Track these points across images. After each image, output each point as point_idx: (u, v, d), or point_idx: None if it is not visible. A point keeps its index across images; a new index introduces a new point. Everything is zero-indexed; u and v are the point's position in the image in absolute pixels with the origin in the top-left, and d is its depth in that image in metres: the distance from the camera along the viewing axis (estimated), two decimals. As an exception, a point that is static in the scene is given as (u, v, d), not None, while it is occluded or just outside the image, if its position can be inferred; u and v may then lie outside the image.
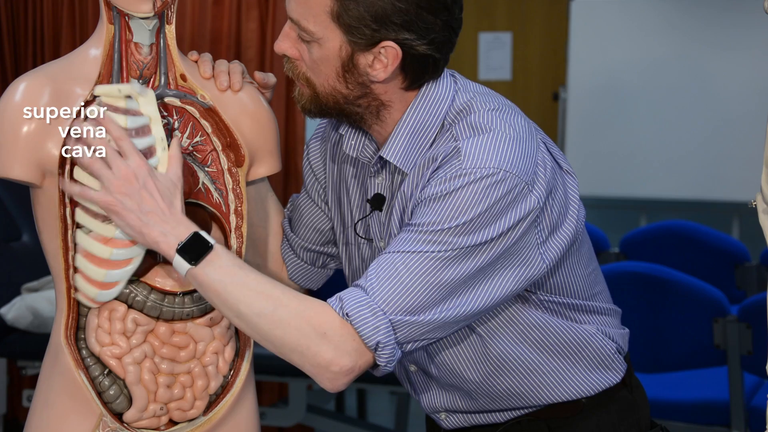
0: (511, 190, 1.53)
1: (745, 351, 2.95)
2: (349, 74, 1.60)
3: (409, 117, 1.63)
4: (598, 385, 1.73)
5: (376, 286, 1.52)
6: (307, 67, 1.62)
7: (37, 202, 1.60)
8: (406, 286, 1.52)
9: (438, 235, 1.52)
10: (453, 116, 1.62)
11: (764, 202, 1.55)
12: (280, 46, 1.63)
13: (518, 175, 1.54)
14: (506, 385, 1.70)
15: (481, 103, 1.62)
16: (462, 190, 1.52)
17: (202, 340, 1.66)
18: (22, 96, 1.55)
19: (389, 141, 1.64)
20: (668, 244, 4.15)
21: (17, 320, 3.46)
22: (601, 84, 6.17)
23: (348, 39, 1.57)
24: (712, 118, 5.98)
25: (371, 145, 1.70)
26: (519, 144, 1.57)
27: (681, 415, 3.17)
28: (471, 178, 1.52)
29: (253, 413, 1.73)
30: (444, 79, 1.66)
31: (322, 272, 1.91)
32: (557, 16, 6.85)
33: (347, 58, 1.58)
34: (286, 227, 1.88)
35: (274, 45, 1.63)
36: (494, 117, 1.60)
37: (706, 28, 6.01)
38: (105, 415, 1.60)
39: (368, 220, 1.72)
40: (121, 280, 1.59)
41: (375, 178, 1.69)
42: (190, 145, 1.66)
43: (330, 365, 1.52)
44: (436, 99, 1.63)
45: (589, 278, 1.73)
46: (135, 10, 1.57)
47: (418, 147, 1.63)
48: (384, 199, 1.69)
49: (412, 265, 1.52)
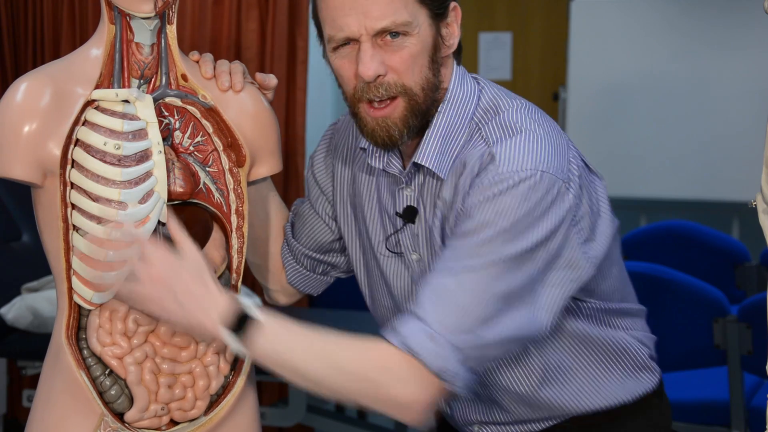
0: (549, 190, 1.53)
1: (745, 351, 2.95)
2: (436, 55, 1.61)
3: (439, 121, 1.63)
4: (634, 391, 1.73)
5: (432, 312, 1.50)
6: (399, 74, 1.58)
7: (38, 202, 1.60)
8: (462, 306, 1.50)
9: (484, 246, 1.51)
10: (480, 115, 1.63)
11: (764, 202, 1.55)
12: (373, 69, 1.56)
13: (555, 174, 1.54)
14: (548, 395, 1.70)
15: (507, 102, 1.63)
16: (503, 196, 1.52)
17: (203, 340, 1.65)
18: (23, 96, 1.55)
19: (421, 146, 1.63)
20: (668, 244, 4.15)
21: (17, 320, 3.46)
22: (601, 84, 6.16)
23: (432, 13, 1.59)
24: (712, 118, 5.98)
25: (395, 157, 1.69)
26: (551, 142, 1.57)
27: (681, 415, 3.17)
28: (510, 182, 1.52)
29: (254, 413, 1.73)
30: (465, 78, 1.66)
31: (323, 279, 1.90)
32: (557, 16, 6.85)
33: (436, 34, 1.60)
34: (288, 231, 1.87)
35: (361, 73, 1.57)
36: (522, 116, 1.60)
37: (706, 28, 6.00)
38: (106, 415, 1.60)
39: (398, 233, 1.70)
40: (117, 282, 1.59)
41: (404, 190, 1.68)
42: (191, 145, 1.66)
43: (409, 404, 1.50)
44: (462, 100, 1.64)
45: (622, 278, 1.74)
46: (136, 10, 1.57)
47: (450, 149, 1.62)
48: (416, 211, 1.67)
49: (464, 284, 1.50)
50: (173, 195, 1.63)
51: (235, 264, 1.70)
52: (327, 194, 1.82)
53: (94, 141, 1.57)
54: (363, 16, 1.55)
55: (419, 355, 1.48)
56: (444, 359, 1.48)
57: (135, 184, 1.58)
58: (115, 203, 1.57)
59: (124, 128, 1.57)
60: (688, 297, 3.04)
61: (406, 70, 1.58)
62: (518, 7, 6.98)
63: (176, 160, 1.64)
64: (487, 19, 6.91)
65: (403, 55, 1.57)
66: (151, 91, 1.63)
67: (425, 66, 1.59)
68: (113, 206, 1.57)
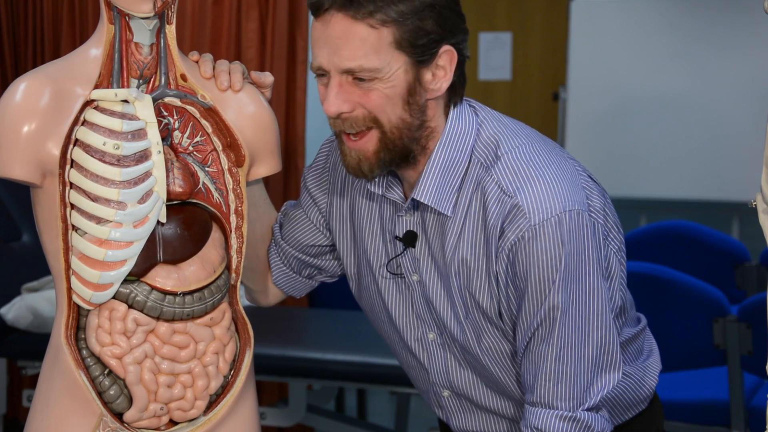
0: (578, 225, 1.57)
1: (745, 351, 2.95)
2: (412, 99, 1.58)
3: (438, 155, 1.63)
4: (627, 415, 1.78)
5: (554, 395, 1.59)
6: (369, 110, 1.58)
7: (38, 202, 1.60)
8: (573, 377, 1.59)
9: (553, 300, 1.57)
10: (481, 150, 1.63)
11: (764, 202, 1.55)
12: (336, 106, 1.57)
13: (579, 208, 1.58)
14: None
15: (507, 138, 1.64)
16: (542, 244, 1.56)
17: (203, 340, 1.66)
18: (22, 96, 1.55)
19: (420, 182, 1.63)
20: (668, 244, 4.15)
21: (17, 320, 3.46)
22: (601, 84, 6.16)
23: (412, 60, 1.56)
24: (712, 118, 5.98)
25: (396, 183, 1.69)
26: (564, 176, 1.61)
27: (681, 415, 3.17)
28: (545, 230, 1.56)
29: (253, 413, 1.73)
30: (464, 111, 1.65)
31: (308, 282, 1.90)
32: (557, 16, 6.85)
33: (413, 80, 1.57)
34: (276, 232, 1.87)
35: (325, 109, 1.58)
36: (531, 156, 1.62)
37: (706, 28, 6.00)
38: (105, 415, 1.60)
39: (399, 258, 1.72)
40: (116, 282, 1.59)
41: (404, 216, 1.69)
42: (190, 145, 1.66)
43: None
44: (461, 134, 1.64)
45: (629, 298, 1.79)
46: (135, 10, 1.57)
47: (448, 184, 1.63)
48: (416, 235, 1.68)
49: (564, 356, 1.59)
50: (172, 195, 1.63)
51: (234, 264, 1.70)
52: (321, 208, 1.82)
53: (93, 141, 1.57)
54: (333, 53, 1.56)
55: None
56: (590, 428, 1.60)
57: (134, 184, 1.58)
58: (114, 203, 1.57)
59: (123, 128, 1.57)
60: (688, 297, 3.04)
61: (376, 109, 1.58)
62: (518, 7, 6.98)
63: (175, 160, 1.64)
64: (487, 19, 6.91)
65: (372, 96, 1.57)
66: (151, 91, 1.63)
67: (399, 107, 1.58)
68: (112, 206, 1.57)
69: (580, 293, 1.58)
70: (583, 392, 1.59)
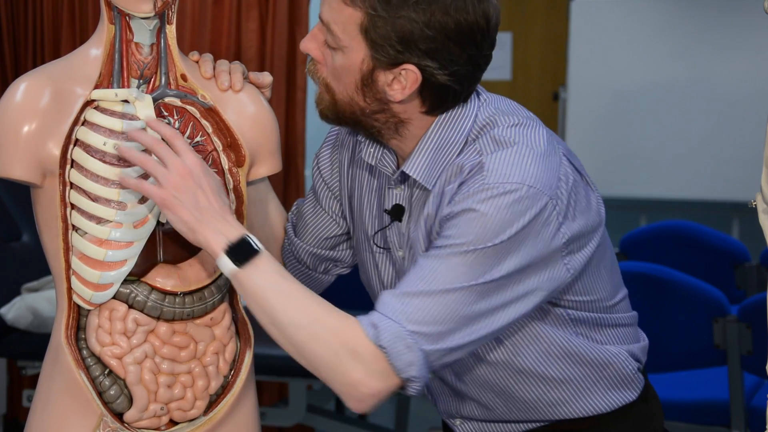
0: (533, 205, 1.52)
1: (745, 351, 2.95)
2: (367, 88, 1.59)
3: (434, 134, 1.63)
4: (616, 402, 1.72)
5: (411, 317, 1.52)
6: (328, 72, 1.61)
7: (38, 202, 1.60)
8: (439, 318, 1.52)
9: (465, 265, 1.52)
10: (477, 132, 1.62)
11: (764, 202, 1.55)
12: (306, 46, 1.62)
13: (542, 189, 1.53)
14: (524, 399, 1.70)
15: (504, 118, 1.62)
16: (487, 206, 1.52)
17: (203, 340, 1.66)
18: (22, 96, 1.55)
19: (412, 156, 1.64)
20: (668, 244, 4.15)
21: (17, 320, 3.46)
22: (601, 84, 6.17)
23: (371, 54, 1.56)
24: (712, 118, 5.98)
25: (390, 155, 1.70)
26: (541, 158, 1.56)
27: (681, 415, 3.17)
28: (494, 192, 1.52)
29: (253, 413, 1.73)
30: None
31: (324, 278, 1.90)
32: (557, 16, 6.85)
33: (368, 72, 1.58)
34: (290, 231, 1.87)
35: (300, 43, 1.64)
36: (517, 131, 1.59)
37: (706, 28, 6.01)
38: (105, 415, 1.60)
39: (386, 230, 1.72)
40: (116, 282, 1.59)
41: (394, 189, 1.69)
42: (191, 145, 1.66)
43: (358, 385, 1.52)
44: (461, 116, 1.63)
45: (612, 285, 1.72)
46: (136, 10, 1.57)
47: (441, 163, 1.62)
48: (403, 209, 1.68)
49: (443, 300, 1.52)
50: (173, 195, 1.62)
51: (235, 264, 1.70)
52: (333, 190, 1.82)
53: (93, 141, 1.57)
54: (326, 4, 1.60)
55: (391, 358, 1.51)
56: (412, 366, 1.52)
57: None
58: (114, 203, 1.57)
59: (123, 128, 1.57)
60: (688, 297, 3.04)
61: (329, 75, 1.61)
62: (518, 7, 6.99)
63: (176, 160, 1.64)
64: (487, 19, 6.91)
65: (329, 62, 1.60)
66: (151, 91, 1.63)
67: (351, 88, 1.60)
68: (112, 206, 1.57)
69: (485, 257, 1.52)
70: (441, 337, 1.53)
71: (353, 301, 2.06)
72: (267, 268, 1.55)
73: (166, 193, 1.54)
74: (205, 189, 1.55)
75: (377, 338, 1.51)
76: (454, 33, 1.55)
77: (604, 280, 1.69)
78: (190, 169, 1.55)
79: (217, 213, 1.55)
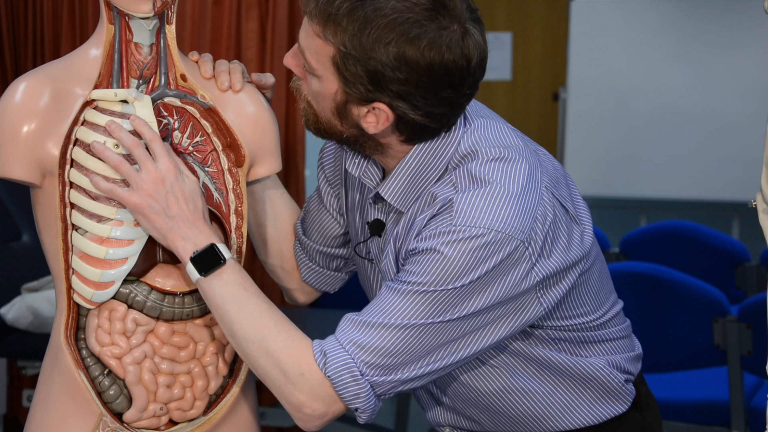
0: (500, 251, 1.48)
1: (745, 351, 2.95)
2: (342, 117, 1.58)
3: (413, 159, 1.60)
4: (605, 414, 1.69)
5: (365, 347, 1.51)
6: (309, 92, 1.60)
7: (37, 202, 1.60)
8: (392, 351, 1.51)
9: (427, 297, 1.49)
10: (457, 161, 1.58)
11: (764, 202, 1.55)
12: (289, 62, 1.61)
13: (511, 234, 1.49)
14: (509, 414, 1.68)
15: (487, 150, 1.57)
16: (450, 249, 1.48)
17: (202, 340, 1.66)
18: (22, 96, 1.55)
19: (389, 179, 1.61)
20: (668, 244, 4.16)
21: (17, 320, 3.46)
22: (601, 84, 6.17)
23: (343, 88, 1.54)
24: (712, 119, 5.98)
25: (374, 167, 1.67)
26: (515, 199, 1.51)
27: (681, 415, 3.17)
28: (460, 236, 1.49)
29: (253, 413, 1.73)
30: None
31: (337, 276, 1.87)
32: (557, 16, 6.85)
33: (341, 104, 1.56)
34: (299, 229, 1.85)
35: (283, 58, 1.62)
36: (495, 167, 1.55)
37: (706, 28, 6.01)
38: (105, 415, 1.60)
39: (369, 242, 1.71)
40: (117, 280, 1.59)
41: (375, 204, 1.68)
42: (190, 145, 1.66)
43: (302, 407, 1.53)
44: (443, 144, 1.59)
45: (599, 303, 1.68)
46: (135, 10, 1.57)
47: (418, 188, 1.60)
48: (383, 225, 1.67)
49: (400, 336, 1.50)
50: (172, 195, 1.62)
51: (235, 264, 1.70)
52: (334, 186, 1.80)
53: (93, 140, 1.57)
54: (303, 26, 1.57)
55: (337, 388, 1.51)
56: (360, 398, 1.52)
57: (134, 183, 1.58)
58: (114, 201, 1.57)
59: (123, 128, 1.57)
60: (688, 297, 3.04)
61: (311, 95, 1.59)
62: (518, 7, 6.98)
63: (175, 160, 1.64)
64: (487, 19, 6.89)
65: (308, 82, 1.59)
66: (150, 91, 1.63)
67: (328, 112, 1.58)
68: (113, 204, 1.57)
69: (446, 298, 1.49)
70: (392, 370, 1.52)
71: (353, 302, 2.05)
72: (230, 278, 1.55)
73: (138, 199, 1.55)
74: (177, 195, 1.56)
75: (325, 367, 1.51)
76: (427, 76, 1.49)
77: (589, 301, 1.65)
78: (163, 175, 1.55)
79: (187, 220, 1.56)
